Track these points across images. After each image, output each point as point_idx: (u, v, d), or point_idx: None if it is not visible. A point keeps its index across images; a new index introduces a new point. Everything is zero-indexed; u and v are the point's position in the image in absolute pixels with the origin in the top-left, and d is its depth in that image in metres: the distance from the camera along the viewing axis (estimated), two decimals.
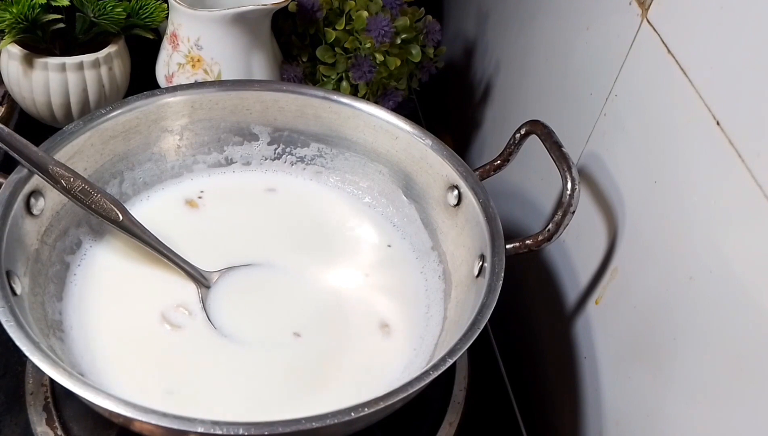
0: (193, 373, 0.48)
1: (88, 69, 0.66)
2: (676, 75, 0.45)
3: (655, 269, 0.47)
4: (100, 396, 0.38)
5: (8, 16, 0.61)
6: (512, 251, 0.50)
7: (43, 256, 0.50)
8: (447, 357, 0.42)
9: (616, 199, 0.52)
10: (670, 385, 0.44)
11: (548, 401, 0.62)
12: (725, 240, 0.40)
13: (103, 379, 0.46)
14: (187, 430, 0.37)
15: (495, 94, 0.78)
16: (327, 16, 0.70)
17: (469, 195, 0.53)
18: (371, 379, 0.49)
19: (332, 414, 0.38)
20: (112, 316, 0.50)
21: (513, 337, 0.69)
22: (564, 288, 0.60)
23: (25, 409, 0.49)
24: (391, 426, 0.47)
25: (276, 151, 0.62)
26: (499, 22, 0.78)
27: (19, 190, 0.48)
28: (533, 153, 0.57)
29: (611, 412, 0.52)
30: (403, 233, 0.59)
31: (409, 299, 0.55)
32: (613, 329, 0.52)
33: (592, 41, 0.57)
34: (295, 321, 0.52)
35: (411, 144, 0.58)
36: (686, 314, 0.43)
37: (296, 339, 0.51)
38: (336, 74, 0.70)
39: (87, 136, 0.53)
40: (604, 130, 0.54)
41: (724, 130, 0.40)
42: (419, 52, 0.70)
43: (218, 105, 0.59)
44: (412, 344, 0.52)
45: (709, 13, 0.42)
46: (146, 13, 0.68)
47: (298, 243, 0.58)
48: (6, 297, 0.42)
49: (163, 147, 0.59)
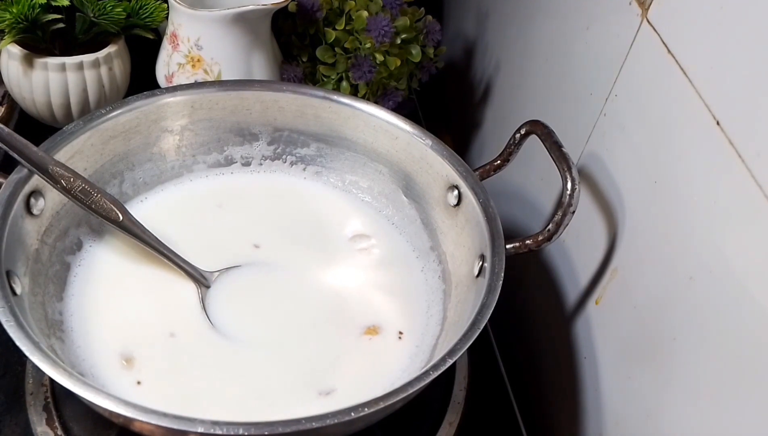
0: (193, 373, 0.48)
1: (88, 69, 0.66)
2: (676, 75, 0.45)
3: (655, 269, 0.47)
4: (100, 396, 0.38)
5: (8, 16, 0.61)
6: (512, 251, 0.50)
7: (43, 256, 0.50)
8: (447, 357, 0.42)
9: (616, 199, 0.52)
10: (670, 385, 0.44)
11: (548, 401, 0.62)
12: (725, 240, 0.40)
13: (103, 379, 0.46)
14: (187, 430, 0.37)
15: (495, 94, 0.78)
16: (327, 16, 0.70)
17: (469, 195, 0.53)
18: (371, 379, 0.49)
19: (332, 414, 0.38)
20: (112, 316, 0.50)
21: (513, 337, 0.69)
22: (564, 288, 0.60)
23: (25, 409, 0.49)
24: (391, 426, 0.47)
25: (276, 151, 0.62)
26: (499, 22, 0.78)
27: (19, 190, 0.48)
28: (533, 153, 0.57)
29: (611, 412, 0.52)
30: (403, 233, 0.59)
31: (408, 299, 0.55)
32: (613, 329, 0.52)
33: (592, 41, 0.57)
34: (294, 321, 0.52)
35: (411, 144, 0.58)
36: (686, 314, 0.43)
37: (296, 339, 0.51)
38: (336, 74, 0.70)
39: (87, 136, 0.53)
40: (604, 130, 0.54)
41: (724, 130, 0.40)
42: (419, 52, 0.70)
43: (218, 105, 0.59)
44: (412, 344, 0.52)
45: (709, 13, 0.42)
46: (146, 13, 0.68)
47: (298, 243, 0.58)
48: (6, 297, 0.42)
49: (163, 147, 0.59)
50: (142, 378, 0.47)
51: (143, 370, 0.48)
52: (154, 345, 0.49)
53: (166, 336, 0.50)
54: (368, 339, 0.52)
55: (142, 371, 0.47)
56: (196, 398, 0.47)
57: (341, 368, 0.50)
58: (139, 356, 0.48)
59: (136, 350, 0.49)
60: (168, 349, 0.49)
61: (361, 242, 0.59)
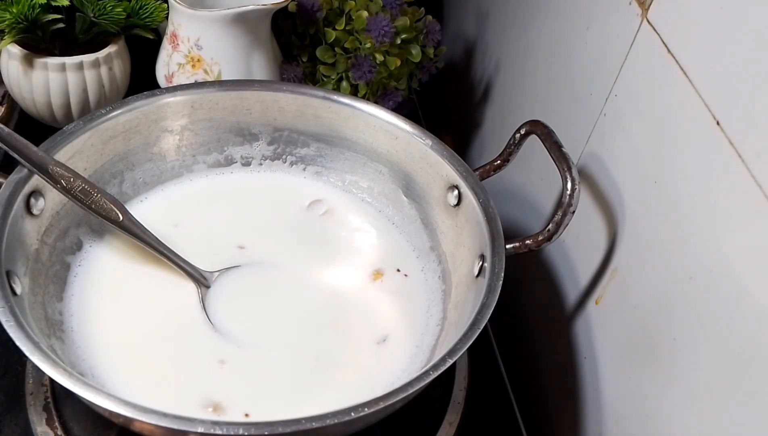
0: (193, 372, 0.48)
1: (88, 69, 0.66)
2: (676, 75, 0.45)
3: (655, 269, 0.47)
4: (100, 396, 0.38)
5: (8, 16, 0.61)
6: (512, 251, 0.50)
7: (43, 256, 0.50)
8: (447, 357, 0.42)
9: (616, 199, 0.52)
10: (670, 385, 0.44)
11: (548, 401, 0.62)
12: (725, 240, 0.40)
13: (103, 379, 0.46)
14: (187, 430, 0.37)
15: (495, 94, 0.78)
16: (327, 16, 0.70)
17: (469, 195, 0.53)
18: (371, 379, 0.49)
19: (332, 414, 0.38)
20: (112, 316, 0.50)
21: (513, 337, 0.69)
22: (564, 288, 0.60)
23: (25, 409, 0.49)
24: (391, 426, 0.47)
25: (276, 151, 0.62)
26: (499, 22, 0.78)
27: (19, 190, 0.48)
28: (533, 153, 0.57)
29: (611, 412, 0.52)
30: (403, 233, 0.59)
31: (408, 299, 0.55)
32: (613, 329, 0.52)
33: (592, 41, 0.57)
34: (294, 321, 0.52)
35: (411, 144, 0.58)
36: (686, 314, 0.43)
37: (296, 339, 0.51)
38: (336, 74, 0.70)
39: (87, 136, 0.53)
40: (604, 130, 0.54)
41: (724, 130, 0.40)
42: (419, 52, 0.70)
43: (218, 105, 0.59)
44: (412, 344, 0.52)
45: (709, 14, 0.42)
46: (146, 13, 0.68)
47: (298, 243, 0.58)
48: (6, 297, 0.42)
49: (163, 147, 0.59)
50: (142, 378, 0.47)
51: (143, 370, 0.48)
52: (154, 345, 0.49)
53: (166, 336, 0.50)
54: (368, 339, 0.52)
55: (142, 370, 0.47)
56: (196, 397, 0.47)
57: (341, 367, 0.50)
58: (139, 355, 0.48)
59: (135, 350, 0.49)
60: (168, 349, 0.49)
61: (361, 242, 0.59)
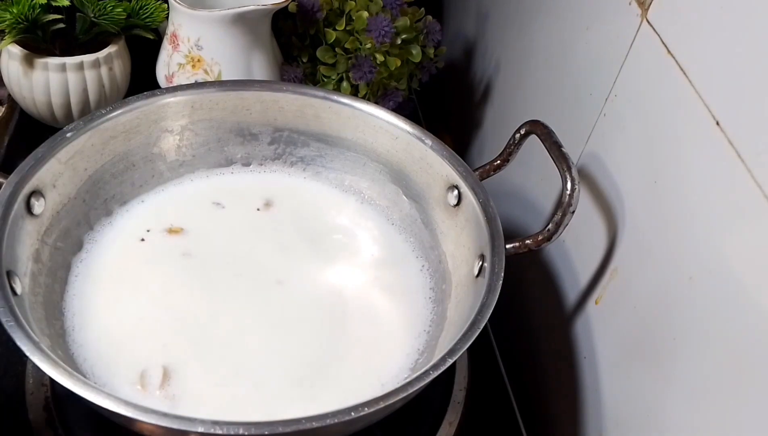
0: (193, 372, 0.48)
1: (89, 69, 0.66)
2: (676, 75, 0.45)
3: (655, 269, 0.47)
4: (100, 396, 0.38)
5: (8, 16, 0.61)
6: (512, 251, 0.50)
7: (44, 256, 0.50)
8: (447, 357, 0.42)
9: (616, 199, 0.52)
10: (670, 385, 0.44)
11: (548, 401, 0.62)
12: (725, 240, 0.40)
13: (103, 379, 0.46)
14: (188, 430, 0.37)
15: (495, 94, 0.78)
16: (327, 16, 0.70)
17: (469, 195, 0.53)
18: (371, 378, 0.49)
19: (332, 414, 0.38)
20: (112, 316, 0.50)
21: (513, 337, 0.69)
22: (564, 288, 0.60)
23: (25, 409, 0.49)
24: (391, 426, 0.47)
25: (276, 152, 0.62)
26: (499, 22, 0.78)
27: (19, 190, 0.48)
28: (533, 153, 0.57)
29: (611, 412, 0.52)
30: (402, 233, 0.59)
31: (409, 299, 0.55)
32: (612, 329, 0.52)
33: (592, 41, 0.57)
34: (295, 321, 0.52)
35: (411, 144, 0.58)
36: (686, 314, 0.43)
37: (296, 338, 0.51)
38: (336, 75, 0.70)
39: (87, 136, 0.53)
40: (604, 130, 0.54)
41: (724, 131, 0.40)
42: (419, 52, 0.70)
43: (218, 105, 0.59)
44: (412, 344, 0.52)
45: (709, 14, 0.42)
46: (146, 13, 0.68)
47: (298, 243, 0.58)
48: (6, 297, 0.42)
49: (163, 147, 0.59)
50: (143, 378, 0.47)
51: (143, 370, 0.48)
52: (154, 345, 0.49)
53: (166, 336, 0.50)
54: (368, 339, 0.52)
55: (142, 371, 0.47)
56: (197, 397, 0.47)
57: (341, 367, 0.50)
58: (139, 355, 0.48)
59: (136, 350, 0.49)
60: (168, 348, 0.49)
61: (361, 242, 0.59)
